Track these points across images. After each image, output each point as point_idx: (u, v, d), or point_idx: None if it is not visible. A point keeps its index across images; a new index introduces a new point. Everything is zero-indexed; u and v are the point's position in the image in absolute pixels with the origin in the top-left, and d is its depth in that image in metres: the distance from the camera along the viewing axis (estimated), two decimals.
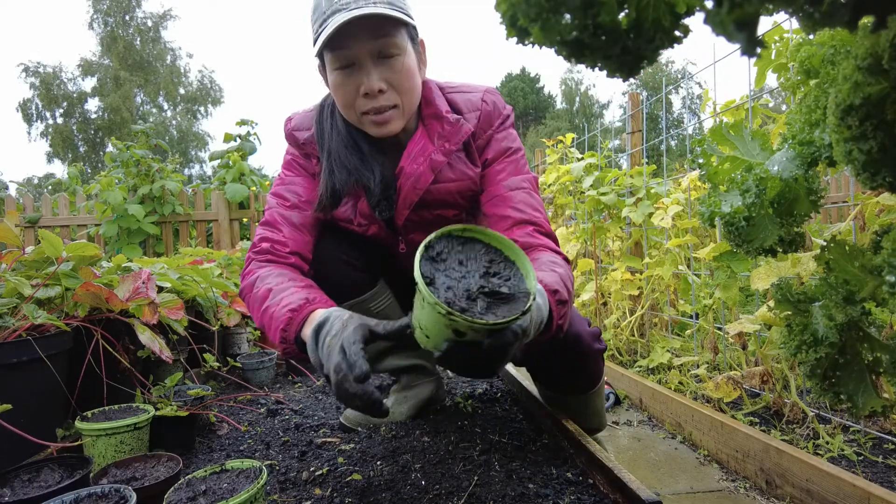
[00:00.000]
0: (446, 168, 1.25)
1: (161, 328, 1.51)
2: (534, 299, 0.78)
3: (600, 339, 1.24)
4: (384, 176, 1.24)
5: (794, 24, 1.22)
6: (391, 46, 1.11)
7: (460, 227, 0.88)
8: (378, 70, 1.12)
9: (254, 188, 4.92)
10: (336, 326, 0.93)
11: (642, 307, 2.17)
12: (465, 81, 1.34)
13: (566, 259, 1.14)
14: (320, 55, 1.17)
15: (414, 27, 1.17)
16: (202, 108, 28.96)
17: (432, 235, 0.85)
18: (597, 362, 1.26)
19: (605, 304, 2.50)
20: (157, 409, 1.24)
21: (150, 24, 27.15)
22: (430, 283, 0.80)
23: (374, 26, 1.09)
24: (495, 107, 1.27)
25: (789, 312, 0.71)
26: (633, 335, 2.24)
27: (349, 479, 1.09)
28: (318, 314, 1.01)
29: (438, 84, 1.31)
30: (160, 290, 1.61)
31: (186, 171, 27.94)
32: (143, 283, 1.37)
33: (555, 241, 1.19)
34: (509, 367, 1.91)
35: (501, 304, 0.80)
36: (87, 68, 26.44)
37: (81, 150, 26.41)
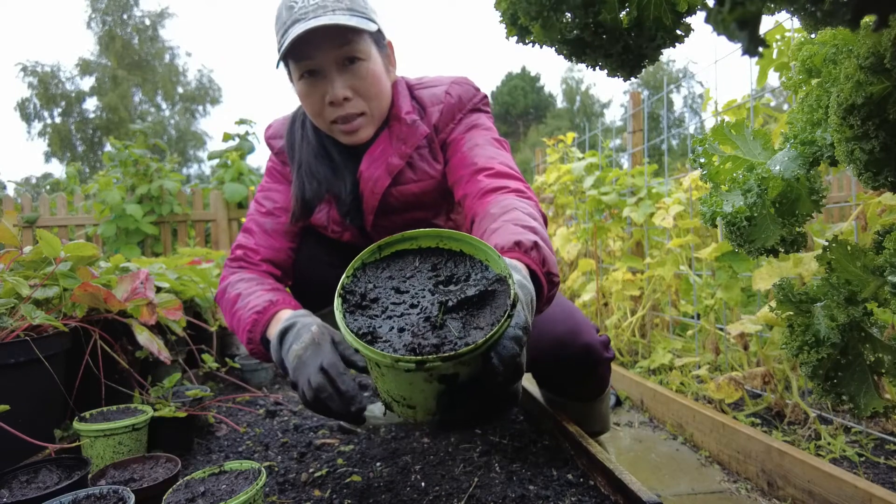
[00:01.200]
0: (406, 170, 1.23)
1: (159, 329, 1.51)
2: (513, 281, 0.61)
3: (609, 347, 1.22)
4: (356, 185, 1.24)
5: (796, 23, 1.22)
6: (354, 53, 1.10)
7: (372, 249, 0.69)
8: (342, 78, 1.11)
9: (252, 188, 4.91)
10: (305, 337, 0.92)
11: (643, 307, 2.16)
12: (439, 75, 1.31)
13: (529, 196, 1.04)
14: (286, 65, 1.17)
15: (379, 30, 1.16)
16: (200, 108, 28.98)
17: (343, 278, 0.65)
18: (605, 371, 1.26)
19: (606, 304, 2.49)
20: (155, 410, 1.24)
21: (147, 22, 27.13)
22: (372, 339, 0.60)
23: (336, 34, 1.08)
24: (460, 99, 1.25)
25: (791, 313, 0.71)
26: (635, 336, 2.24)
27: (348, 480, 1.09)
28: (284, 316, 1.02)
29: (409, 82, 1.29)
30: (158, 290, 1.60)
31: (185, 170, 27.92)
32: (142, 283, 1.36)
33: (517, 179, 1.09)
34: None
35: (478, 309, 0.62)
36: (85, 67, 26.41)
37: (79, 149, 26.39)
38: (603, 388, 1.29)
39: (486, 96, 1.29)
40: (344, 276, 0.66)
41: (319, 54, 1.09)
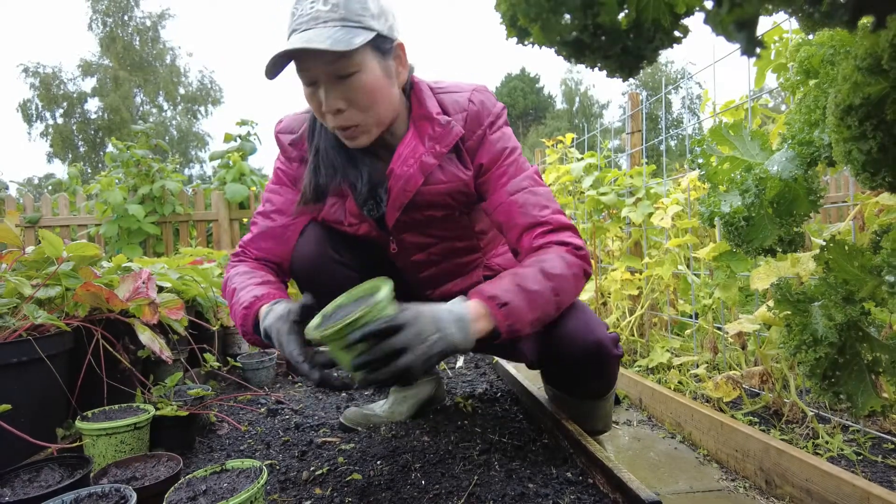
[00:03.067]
0: (437, 170, 1.23)
1: (161, 328, 1.51)
2: (366, 308, 0.92)
3: (618, 344, 1.23)
4: (371, 176, 1.25)
5: (794, 24, 1.22)
6: (347, 67, 1.08)
7: (347, 294, 1.05)
8: (336, 90, 1.10)
9: (254, 188, 4.92)
10: (270, 319, 1.07)
11: (642, 307, 2.17)
12: (457, 81, 1.32)
13: (574, 248, 1.15)
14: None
15: (379, 35, 1.11)
16: (202, 108, 28.92)
17: (328, 305, 1.03)
18: (614, 368, 1.26)
19: (604, 303, 2.50)
20: (157, 409, 1.25)
21: (148, 23, 27.12)
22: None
23: (323, 51, 1.05)
24: (483, 106, 1.25)
25: (789, 312, 0.71)
26: (633, 335, 2.24)
27: (349, 478, 1.09)
28: (262, 311, 1.13)
29: (429, 84, 1.30)
30: (160, 289, 1.61)
31: (186, 171, 27.90)
32: (144, 282, 1.37)
33: (568, 229, 1.20)
34: (509, 367, 1.91)
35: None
36: (86, 69, 26.40)
37: (81, 150, 26.37)
38: (611, 386, 1.30)
39: (504, 107, 1.32)
40: (330, 304, 1.02)
41: (314, 66, 1.09)
